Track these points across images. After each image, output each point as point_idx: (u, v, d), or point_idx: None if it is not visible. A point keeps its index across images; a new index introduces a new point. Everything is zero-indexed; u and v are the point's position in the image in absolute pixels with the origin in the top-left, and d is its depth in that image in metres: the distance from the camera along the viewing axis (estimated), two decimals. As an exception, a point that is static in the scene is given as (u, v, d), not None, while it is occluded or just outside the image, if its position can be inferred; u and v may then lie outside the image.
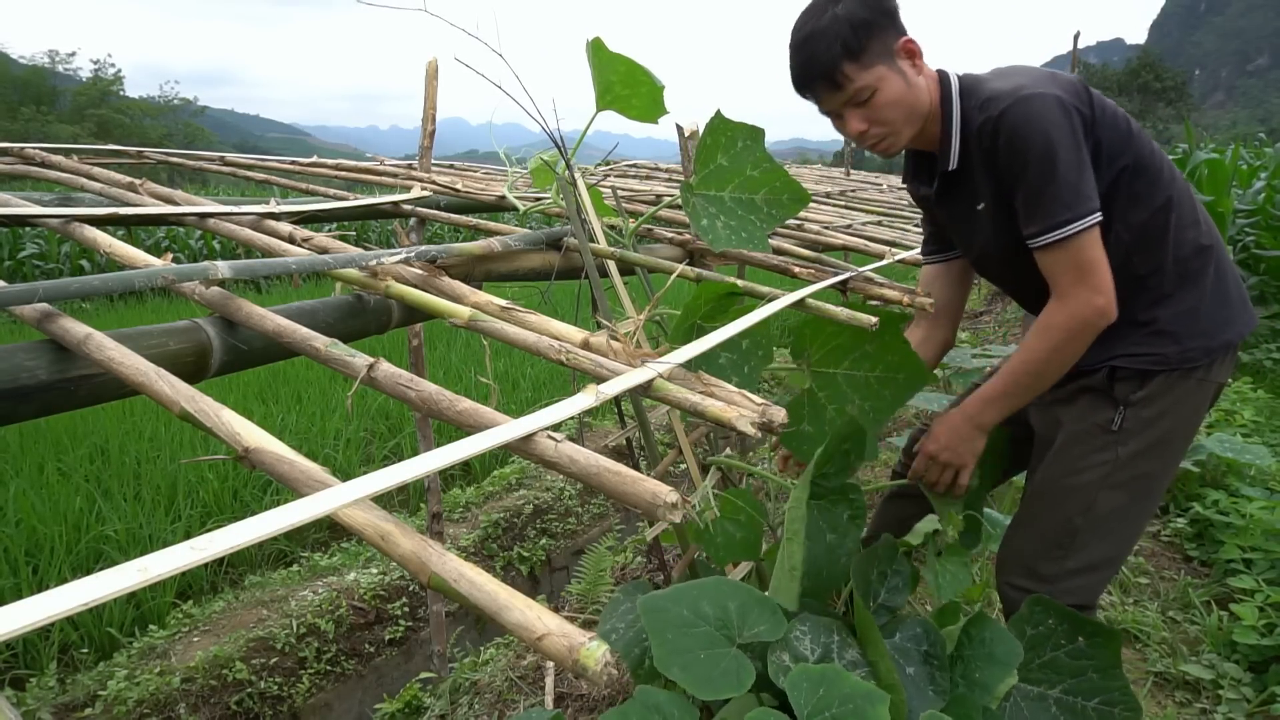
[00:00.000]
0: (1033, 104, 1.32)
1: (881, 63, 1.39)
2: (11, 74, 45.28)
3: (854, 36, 1.36)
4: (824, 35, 1.37)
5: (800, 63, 1.42)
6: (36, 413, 0.92)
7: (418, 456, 0.67)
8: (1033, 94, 1.33)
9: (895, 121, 1.43)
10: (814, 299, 1.38)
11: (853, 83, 1.39)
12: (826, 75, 1.39)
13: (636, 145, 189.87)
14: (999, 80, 1.41)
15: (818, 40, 1.38)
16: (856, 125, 1.44)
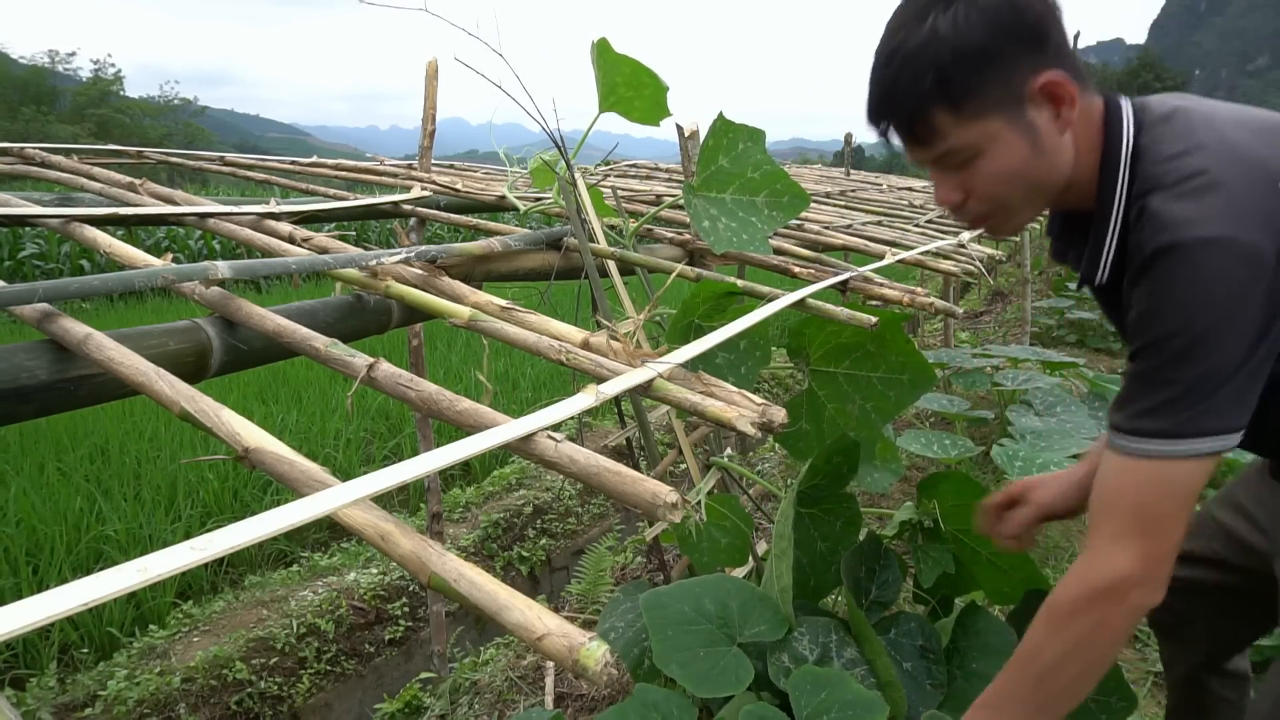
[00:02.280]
0: (1210, 261, 0.84)
1: (997, 114, 0.93)
2: (11, 74, 45.29)
3: (957, 71, 0.90)
4: (913, 60, 0.92)
5: (875, 89, 0.98)
6: (36, 413, 0.92)
7: (418, 456, 0.67)
8: (1216, 241, 0.84)
9: (1008, 200, 0.99)
10: (814, 299, 1.38)
11: (944, 140, 0.95)
12: (904, 120, 0.97)
13: (637, 145, 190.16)
14: (1186, 171, 0.89)
15: (904, 67, 0.93)
16: (946, 194, 1.01)
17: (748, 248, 1.60)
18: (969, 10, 0.90)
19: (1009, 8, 0.91)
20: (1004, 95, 0.92)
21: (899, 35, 0.94)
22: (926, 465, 3.89)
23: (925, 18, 0.92)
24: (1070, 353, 6.00)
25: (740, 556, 1.53)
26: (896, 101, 0.96)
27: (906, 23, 0.94)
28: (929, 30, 0.91)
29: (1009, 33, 0.91)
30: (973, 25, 0.90)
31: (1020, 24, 0.91)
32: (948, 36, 0.90)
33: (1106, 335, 6.76)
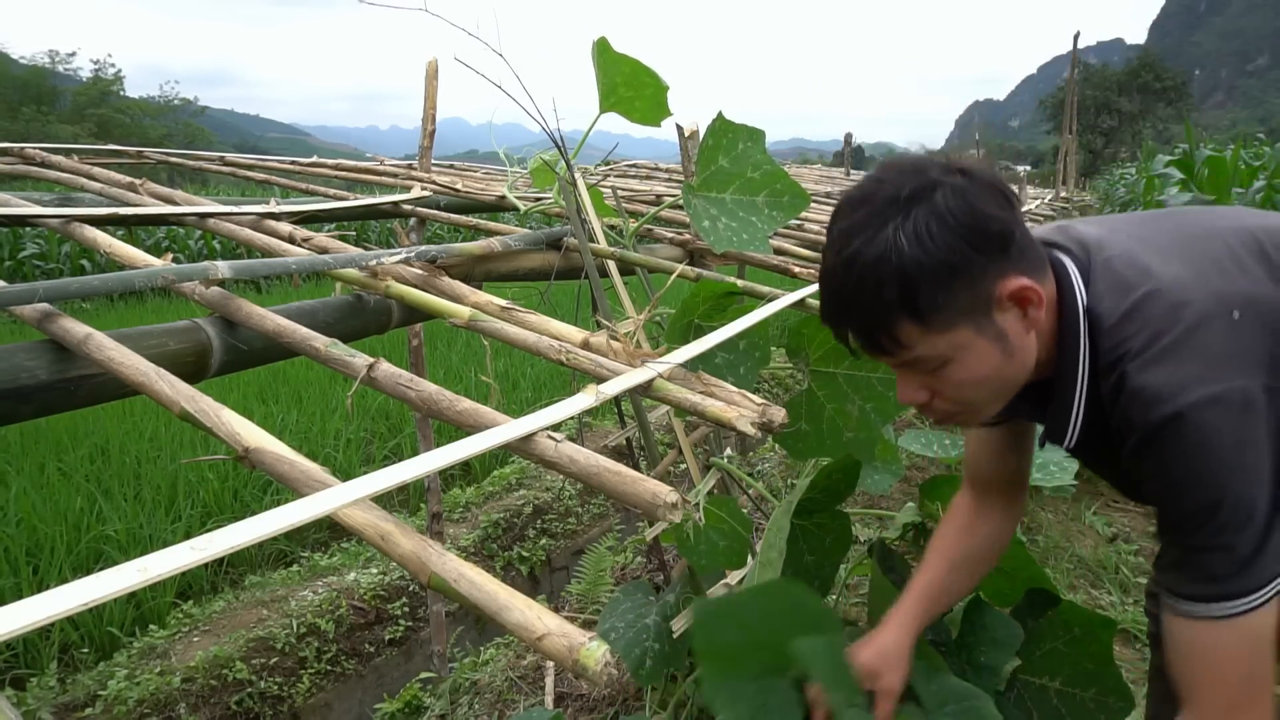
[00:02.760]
0: (1205, 425, 0.84)
1: (965, 324, 0.89)
2: (11, 74, 45.28)
3: (923, 285, 0.86)
4: (874, 273, 0.87)
5: (832, 296, 0.93)
6: (37, 413, 0.92)
7: (418, 456, 0.67)
8: (1205, 401, 0.83)
9: (976, 400, 0.98)
10: (814, 299, 1.38)
11: (909, 350, 0.91)
12: (866, 332, 0.93)
13: (636, 145, 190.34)
14: (1147, 334, 0.88)
15: (864, 278, 0.87)
16: (911, 394, 0.98)
17: (748, 247, 1.60)
18: (929, 220, 0.86)
19: (971, 216, 0.87)
20: (972, 304, 0.89)
21: (854, 241, 0.88)
22: (926, 465, 3.89)
23: (884, 225, 0.87)
24: (1070, 353, 5.99)
25: (738, 559, 1.53)
26: (857, 313, 0.92)
27: (862, 227, 0.88)
28: (889, 241, 0.86)
29: (973, 242, 0.87)
30: (936, 237, 0.85)
31: (984, 232, 0.87)
32: (911, 250, 0.85)
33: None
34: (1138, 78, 43.96)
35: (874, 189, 0.91)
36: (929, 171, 0.89)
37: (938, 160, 0.92)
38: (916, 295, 0.87)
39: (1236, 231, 0.97)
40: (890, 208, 0.87)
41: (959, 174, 0.89)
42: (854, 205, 0.91)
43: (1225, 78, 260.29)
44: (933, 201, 0.86)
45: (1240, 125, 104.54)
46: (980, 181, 0.89)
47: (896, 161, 0.95)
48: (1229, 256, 0.94)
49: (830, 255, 0.92)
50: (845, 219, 0.91)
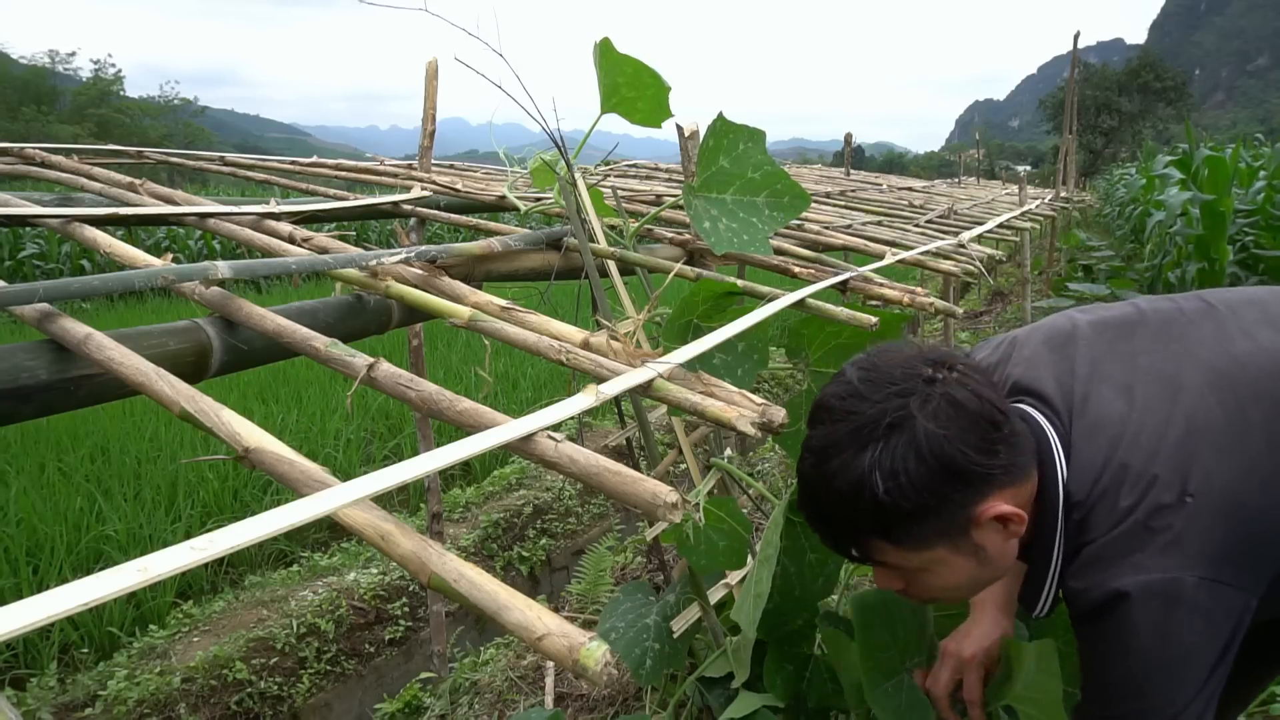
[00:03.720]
0: (1129, 615, 0.86)
1: (941, 544, 0.91)
2: (12, 74, 45.28)
3: (896, 516, 0.87)
4: (850, 497, 0.87)
5: (808, 497, 0.95)
6: (37, 413, 0.92)
7: (418, 456, 0.67)
8: (1164, 592, 0.84)
9: (952, 598, 1.03)
10: (814, 299, 1.38)
11: (883, 559, 0.94)
12: (841, 545, 0.96)
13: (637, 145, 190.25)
14: (1113, 526, 0.88)
15: (839, 500, 0.89)
16: (887, 583, 0.99)
17: (748, 248, 1.60)
18: (907, 458, 0.84)
19: (950, 459, 0.85)
20: (948, 529, 0.89)
21: (832, 460, 0.88)
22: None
23: (861, 451, 0.86)
24: (1070, 353, 5.97)
25: (738, 559, 1.53)
26: (832, 527, 0.94)
27: (840, 446, 0.88)
28: (865, 474, 0.85)
29: (951, 484, 0.86)
30: (913, 478, 0.84)
31: (964, 474, 0.86)
32: (886, 488, 0.85)
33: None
34: (1138, 78, 43.94)
35: (856, 404, 0.89)
36: (914, 394, 0.87)
37: (927, 370, 0.89)
38: (889, 527, 0.89)
39: (1212, 373, 0.93)
40: (870, 432, 0.86)
41: (946, 403, 0.86)
42: (835, 416, 0.90)
43: (1225, 78, 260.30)
44: (913, 436, 0.85)
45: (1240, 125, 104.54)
46: (967, 413, 0.87)
47: (886, 360, 0.92)
48: (1200, 411, 0.91)
49: (808, 461, 0.92)
50: (826, 427, 0.91)
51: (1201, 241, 5.81)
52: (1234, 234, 6.00)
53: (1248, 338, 0.96)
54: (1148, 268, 8.59)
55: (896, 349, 0.95)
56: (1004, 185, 11.65)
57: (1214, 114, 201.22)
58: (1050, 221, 8.68)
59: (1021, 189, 7.57)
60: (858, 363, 0.94)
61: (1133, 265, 9.52)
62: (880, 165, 51.04)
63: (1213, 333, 0.99)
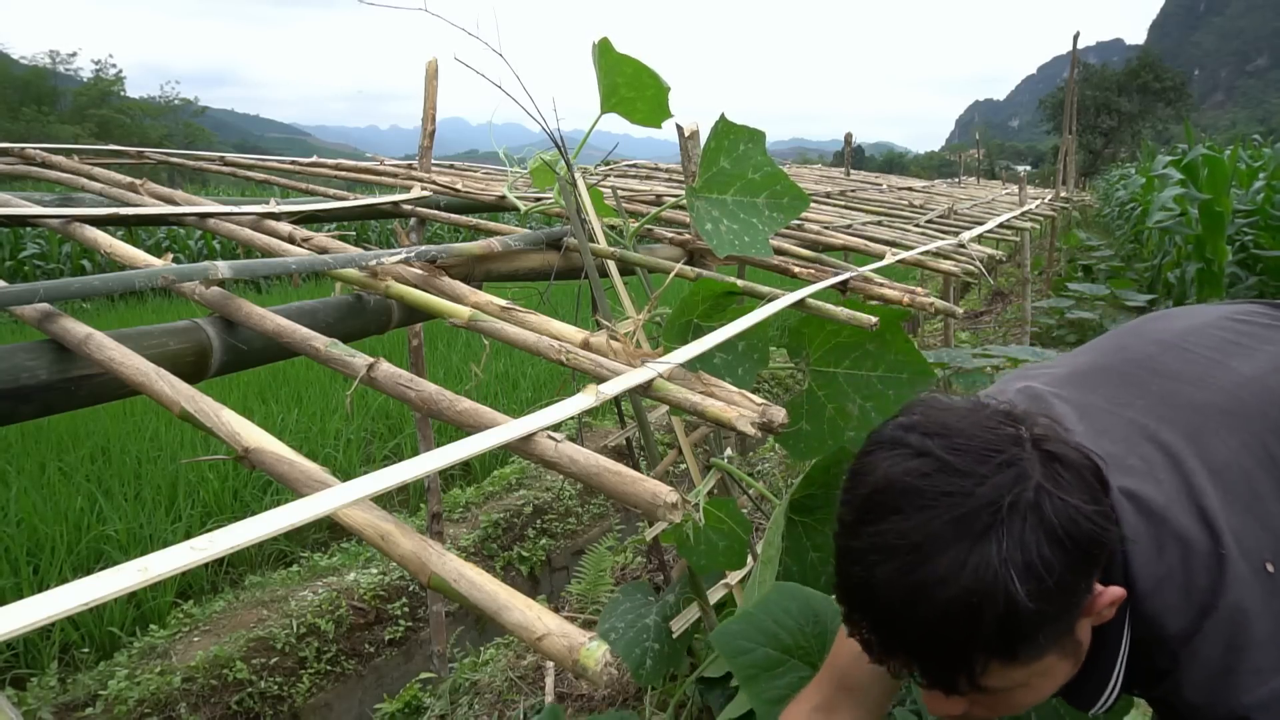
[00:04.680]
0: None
1: (1053, 649, 0.73)
2: (12, 74, 45.28)
3: (1030, 628, 0.68)
4: (967, 608, 0.66)
5: (886, 620, 0.72)
6: (37, 413, 0.92)
7: (418, 456, 0.67)
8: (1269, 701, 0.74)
9: (1019, 712, 0.82)
10: (814, 299, 1.38)
11: (980, 686, 0.72)
12: (941, 673, 0.72)
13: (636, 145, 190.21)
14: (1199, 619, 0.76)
15: (949, 613, 0.67)
16: (947, 710, 0.78)
17: (749, 250, 1.60)
18: (1040, 543, 0.66)
19: (1083, 529, 0.68)
20: (1065, 628, 0.72)
21: (934, 560, 0.67)
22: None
23: (980, 540, 0.66)
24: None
25: (738, 560, 1.53)
26: (930, 652, 0.71)
27: (944, 538, 0.67)
28: (995, 572, 0.65)
29: (1085, 564, 0.70)
30: (1052, 568, 0.66)
31: (1095, 546, 0.70)
32: (1027, 584, 0.65)
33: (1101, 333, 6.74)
34: (1137, 78, 43.93)
35: (953, 482, 0.68)
36: (1022, 460, 0.69)
37: (1009, 426, 0.72)
38: (1019, 641, 0.68)
39: (1218, 414, 0.85)
40: (987, 517, 0.67)
41: (1057, 464, 0.70)
42: (924, 500, 0.68)
43: (1225, 78, 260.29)
44: (1041, 515, 0.67)
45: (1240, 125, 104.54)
46: (1077, 472, 0.71)
47: (956, 420, 0.73)
48: (1232, 461, 0.82)
49: (891, 566, 0.69)
50: (908, 518, 0.69)
51: (1200, 241, 5.81)
52: (1233, 234, 6.00)
53: (1226, 367, 0.90)
54: (1147, 268, 8.59)
55: (942, 403, 0.77)
56: (1004, 185, 11.65)
57: (1213, 114, 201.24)
58: (1050, 221, 8.68)
59: (1021, 189, 7.57)
60: (922, 427, 0.73)
61: (1133, 265, 9.52)
62: (880, 165, 51.06)
63: (1186, 366, 0.91)
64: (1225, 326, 0.98)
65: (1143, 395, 0.89)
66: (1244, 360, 0.91)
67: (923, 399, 0.80)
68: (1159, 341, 0.97)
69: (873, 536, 0.70)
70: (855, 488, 0.74)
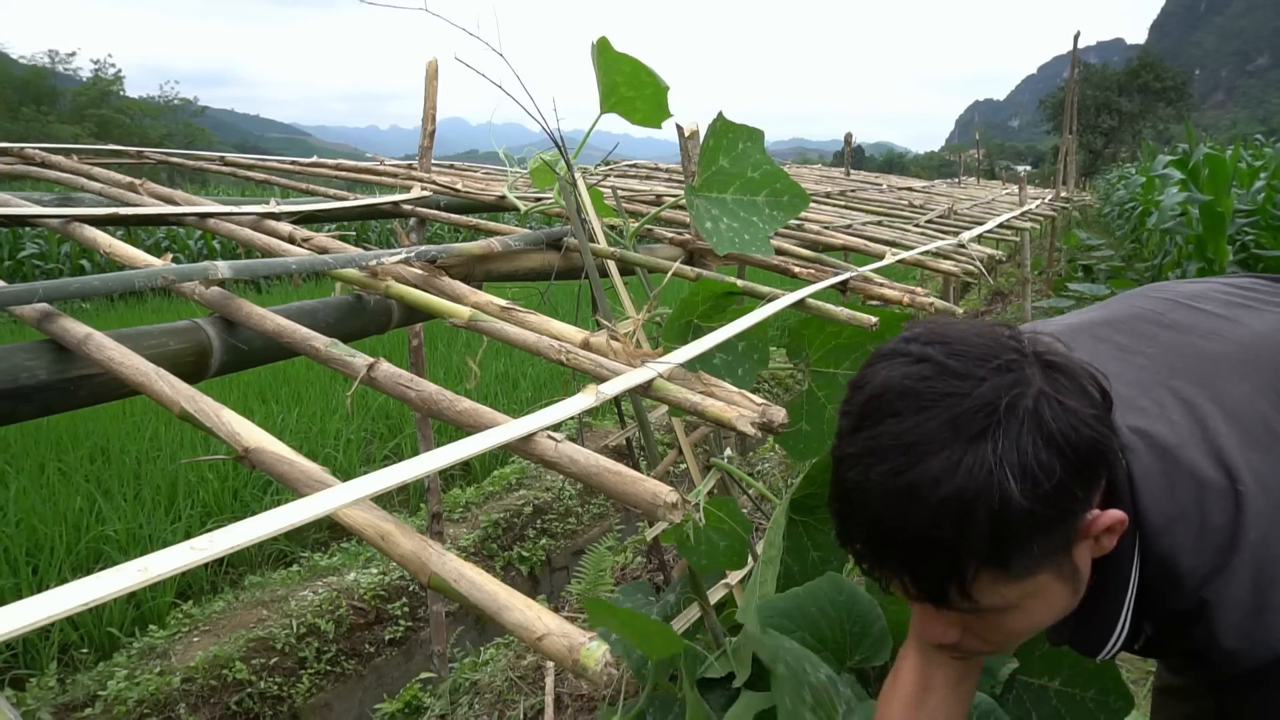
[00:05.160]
0: None
1: (1048, 567, 0.71)
2: (12, 74, 45.28)
3: (1023, 534, 0.67)
4: (959, 510, 0.65)
5: (875, 525, 0.71)
6: (36, 413, 0.92)
7: (418, 456, 0.67)
8: None
9: (1016, 644, 0.84)
10: (814, 299, 1.38)
11: (974, 601, 0.71)
12: (932, 581, 0.71)
13: (636, 145, 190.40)
14: (1224, 554, 0.75)
15: (941, 515, 0.66)
16: (939, 633, 0.78)
17: (750, 249, 1.60)
18: (1037, 446, 0.65)
19: (1079, 435, 0.67)
20: (1061, 544, 0.70)
21: (929, 460, 0.66)
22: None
23: (975, 440, 0.65)
24: (1070, 353, 5.99)
25: (739, 560, 1.53)
26: (920, 558, 0.70)
27: (939, 438, 0.66)
28: (990, 472, 0.64)
29: (1084, 472, 0.68)
30: (1047, 471, 0.65)
31: (1095, 454, 0.69)
32: (1019, 489, 0.64)
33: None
34: (1138, 78, 43.93)
35: (952, 384, 0.68)
36: (1021, 365, 0.69)
37: (1007, 335, 0.72)
38: (1012, 548, 0.67)
39: (1226, 360, 0.86)
40: (982, 417, 0.66)
41: (1058, 371, 0.70)
42: (922, 402, 0.68)
43: (1225, 78, 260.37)
44: (1039, 417, 0.66)
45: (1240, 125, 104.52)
46: (1078, 380, 0.70)
47: (956, 332, 0.72)
48: (1243, 401, 0.82)
49: (885, 467, 0.68)
50: (904, 419, 0.68)
51: (1201, 241, 5.81)
52: (1234, 234, 6.00)
53: (1236, 323, 0.90)
54: (1147, 268, 8.59)
55: (948, 321, 0.76)
56: (1004, 185, 11.65)
57: (1214, 114, 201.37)
58: (1050, 221, 8.68)
59: (1021, 189, 7.57)
60: (923, 338, 0.72)
61: (1133, 265, 9.52)
62: (880, 165, 51.08)
63: (1197, 319, 0.91)
64: (1230, 290, 0.99)
65: (1153, 344, 0.89)
66: (1253, 317, 0.91)
67: (929, 319, 0.79)
68: (1167, 300, 0.97)
69: (868, 440, 0.70)
70: (853, 398, 0.74)
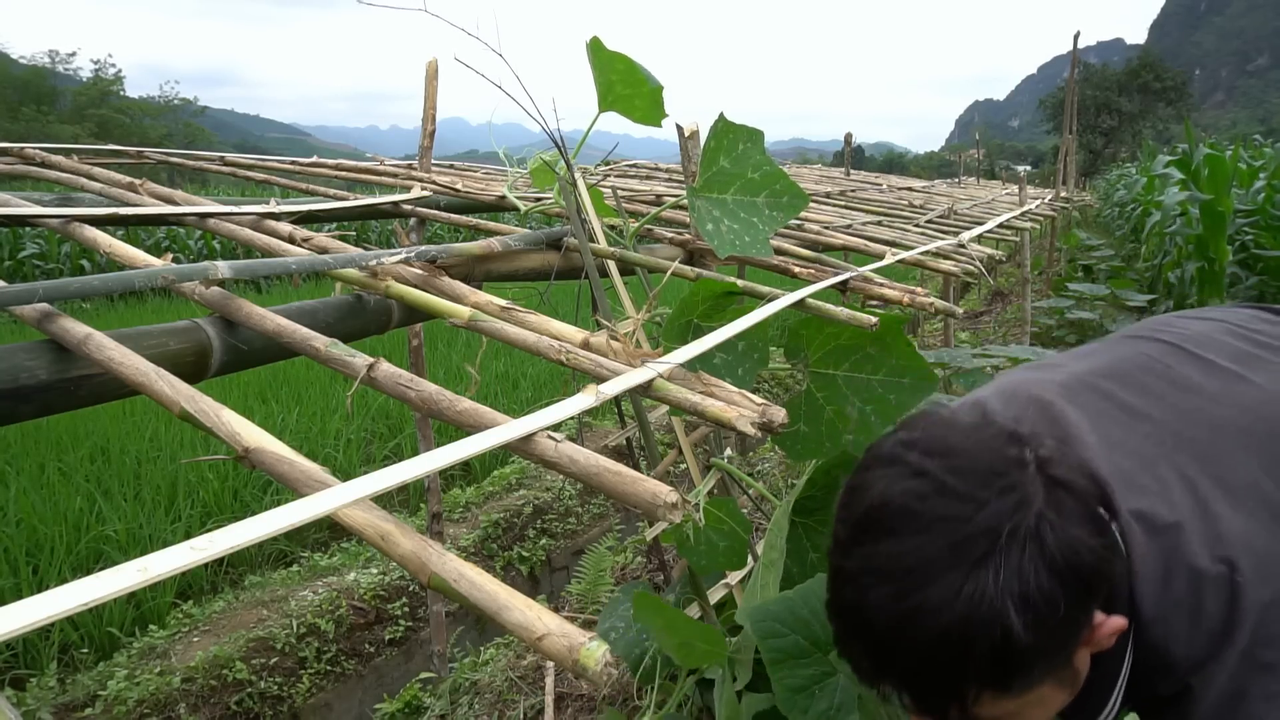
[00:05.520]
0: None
1: (1049, 679, 0.72)
2: (12, 74, 45.28)
3: (1026, 649, 0.65)
4: (962, 638, 0.65)
5: (878, 647, 0.70)
6: (37, 413, 0.92)
7: (418, 456, 0.67)
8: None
9: None
10: (814, 299, 1.38)
11: (978, 714, 0.71)
12: (932, 702, 0.71)
13: (636, 145, 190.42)
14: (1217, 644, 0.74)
15: (944, 641, 0.66)
16: None
17: (750, 250, 1.60)
18: (1038, 573, 0.65)
19: (1084, 559, 0.67)
20: (1061, 657, 0.70)
21: (929, 588, 0.65)
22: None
23: (977, 567, 0.64)
24: (1070, 353, 5.99)
25: (739, 560, 1.53)
26: (922, 681, 0.69)
27: (939, 564, 0.65)
28: (991, 601, 0.64)
29: (1084, 591, 0.67)
30: (1049, 598, 0.64)
31: (1096, 577, 0.68)
32: (1021, 619, 0.64)
33: (1106, 335, 6.75)
34: (1138, 78, 43.93)
35: (952, 506, 0.67)
36: (1024, 484, 0.68)
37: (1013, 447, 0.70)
38: (1013, 671, 0.67)
39: (1235, 430, 0.83)
40: (985, 544, 0.65)
41: (1060, 489, 0.69)
42: (920, 523, 0.67)
43: (1225, 78, 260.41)
44: (1042, 543, 0.65)
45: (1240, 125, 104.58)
46: (1080, 498, 0.70)
47: (957, 439, 0.72)
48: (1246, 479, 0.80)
49: (883, 591, 0.67)
50: (903, 540, 0.67)
51: (1201, 241, 5.81)
52: (1233, 234, 6.00)
53: (1244, 381, 0.88)
54: (1147, 268, 8.59)
55: (945, 419, 0.75)
56: (1004, 185, 11.66)
57: (1214, 114, 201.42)
58: (1050, 221, 8.68)
59: (1021, 189, 7.57)
60: (922, 445, 0.72)
61: (1133, 265, 9.52)
62: (880, 165, 51.09)
63: (1205, 378, 0.89)
64: (1237, 334, 0.96)
65: (1160, 407, 0.87)
66: (1262, 372, 0.89)
67: (926, 413, 0.78)
68: (1174, 347, 0.95)
69: (866, 558, 0.69)
70: (851, 505, 0.73)
